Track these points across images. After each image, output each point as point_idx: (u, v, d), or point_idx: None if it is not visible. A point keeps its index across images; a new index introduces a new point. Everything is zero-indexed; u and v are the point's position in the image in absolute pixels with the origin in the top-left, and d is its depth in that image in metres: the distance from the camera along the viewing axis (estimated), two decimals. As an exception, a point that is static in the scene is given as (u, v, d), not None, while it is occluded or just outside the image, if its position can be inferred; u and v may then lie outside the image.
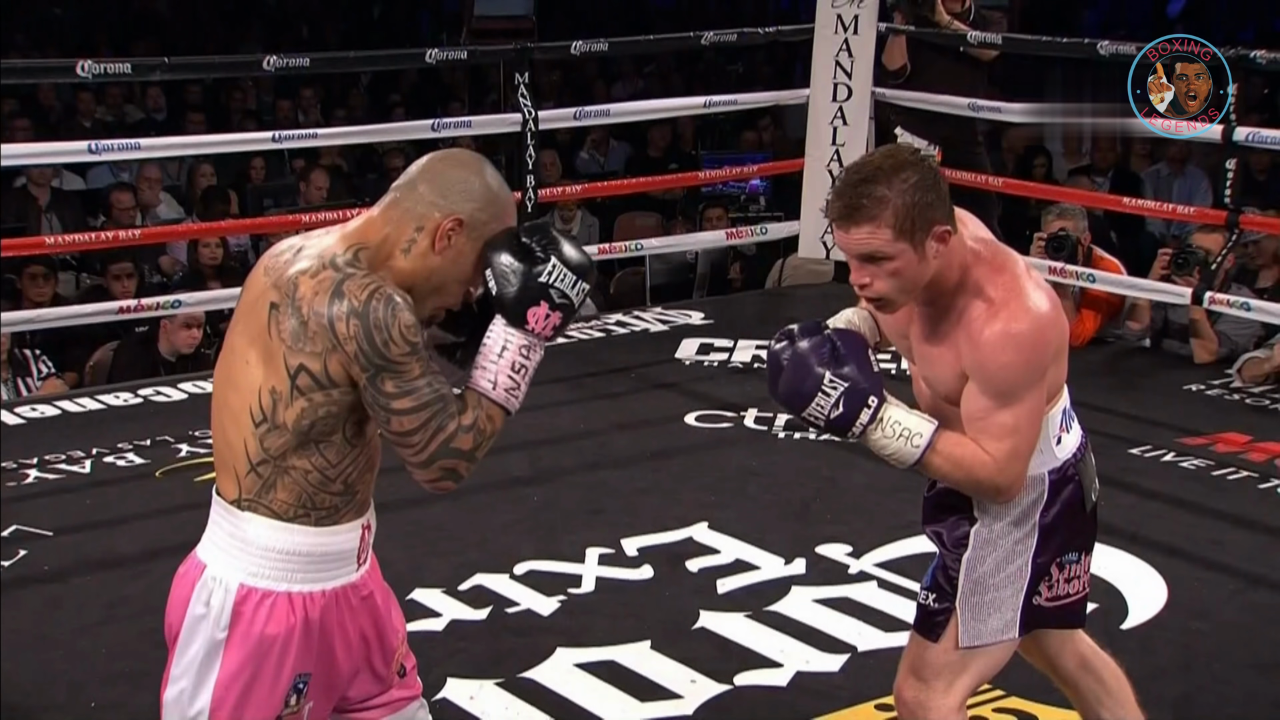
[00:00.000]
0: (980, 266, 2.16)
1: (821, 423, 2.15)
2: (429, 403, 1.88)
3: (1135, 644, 3.32)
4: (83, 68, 4.93)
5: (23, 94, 9.15)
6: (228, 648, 1.93)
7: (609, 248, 6.44)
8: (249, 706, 1.94)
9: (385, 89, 10.40)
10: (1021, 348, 2.11)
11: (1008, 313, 2.12)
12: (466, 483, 4.43)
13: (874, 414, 2.12)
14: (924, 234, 2.08)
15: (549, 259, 1.93)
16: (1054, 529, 2.27)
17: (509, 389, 1.94)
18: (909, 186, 2.07)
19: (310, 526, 1.94)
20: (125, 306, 5.25)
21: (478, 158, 2.01)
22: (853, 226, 2.08)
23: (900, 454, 2.15)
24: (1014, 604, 2.27)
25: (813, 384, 2.13)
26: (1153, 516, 4.07)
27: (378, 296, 1.86)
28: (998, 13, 6.23)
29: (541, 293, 1.92)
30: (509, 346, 1.93)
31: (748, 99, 7.37)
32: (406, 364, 1.87)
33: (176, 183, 8.03)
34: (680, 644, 3.30)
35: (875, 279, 2.11)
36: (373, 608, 2.05)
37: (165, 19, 12.38)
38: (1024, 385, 2.13)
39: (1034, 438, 2.18)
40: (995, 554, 2.26)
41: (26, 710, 3.04)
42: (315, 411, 1.89)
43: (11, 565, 3.70)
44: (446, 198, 1.93)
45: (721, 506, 4.08)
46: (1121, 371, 5.46)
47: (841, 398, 2.12)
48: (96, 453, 4.55)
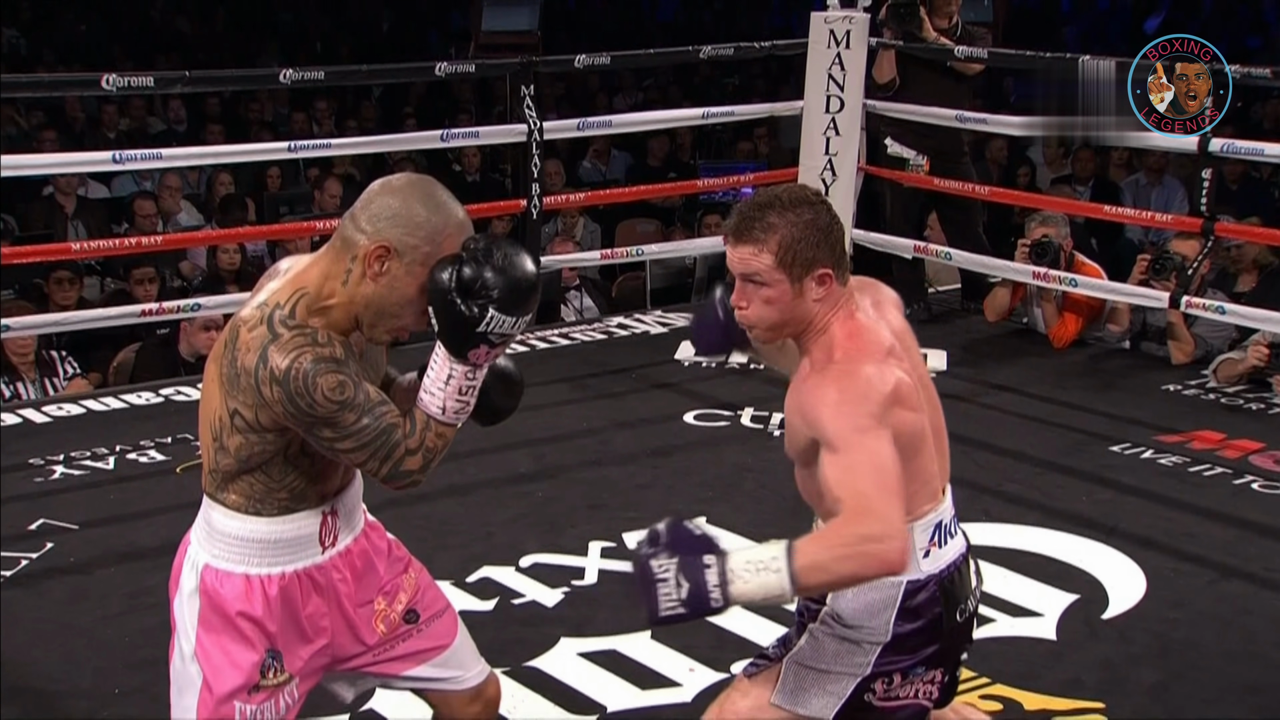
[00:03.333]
0: (839, 331, 2.10)
1: (684, 610, 1.90)
2: (370, 441, 1.95)
3: (1115, 633, 3.39)
4: (108, 81, 4.99)
5: (50, 106, 9.22)
6: (201, 623, 2.08)
7: (610, 253, 6.53)
8: (226, 674, 2.07)
9: (396, 101, 10.41)
10: (841, 389, 2.00)
11: (834, 372, 2.04)
12: (473, 478, 4.59)
13: (720, 571, 1.89)
14: (803, 271, 2.06)
15: (486, 313, 1.92)
16: (906, 638, 2.15)
17: (457, 410, 2.00)
18: (801, 223, 2.06)
19: (263, 518, 2.06)
20: (147, 310, 5.31)
21: (417, 183, 2.00)
22: (739, 244, 2.09)
23: (769, 587, 1.89)
24: (841, 693, 2.17)
25: (648, 582, 1.91)
26: (1131, 511, 4.13)
27: (297, 364, 1.90)
28: (983, 29, 6.30)
29: (481, 339, 1.95)
30: (454, 375, 1.97)
31: (744, 110, 7.43)
32: (337, 417, 1.92)
33: (196, 191, 8.08)
34: (679, 634, 3.30)
35: (751, 303, 2.10)
36: (352, 579, 2.15)
37: (185, 35, 12.42)
38: (849, 428, 1.96)
39: (881, 480, 1.94)
40: (841, 641, 2.17)
41: (53, 695, 3.10)
42: (251, 447, 2.00)
43: (39, 557, 3.78)
44: (375, 225, 1.95)
45: (719, 501, 4.12)
46: (1101, 372, 5.51)
47: (679, 575, 1.89)
48: (119, 450, 4.60)
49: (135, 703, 3.06)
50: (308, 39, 12.85)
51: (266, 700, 2.11)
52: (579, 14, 14.48)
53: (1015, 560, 3.78)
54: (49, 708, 3.08)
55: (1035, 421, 4.98)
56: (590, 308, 6.77)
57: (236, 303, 5.39)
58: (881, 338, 2.12)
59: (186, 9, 12.98)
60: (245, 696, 2.09)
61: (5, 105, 9.13)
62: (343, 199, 7.46)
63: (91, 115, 9.29)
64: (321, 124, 9.43)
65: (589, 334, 6.07)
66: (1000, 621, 3.47)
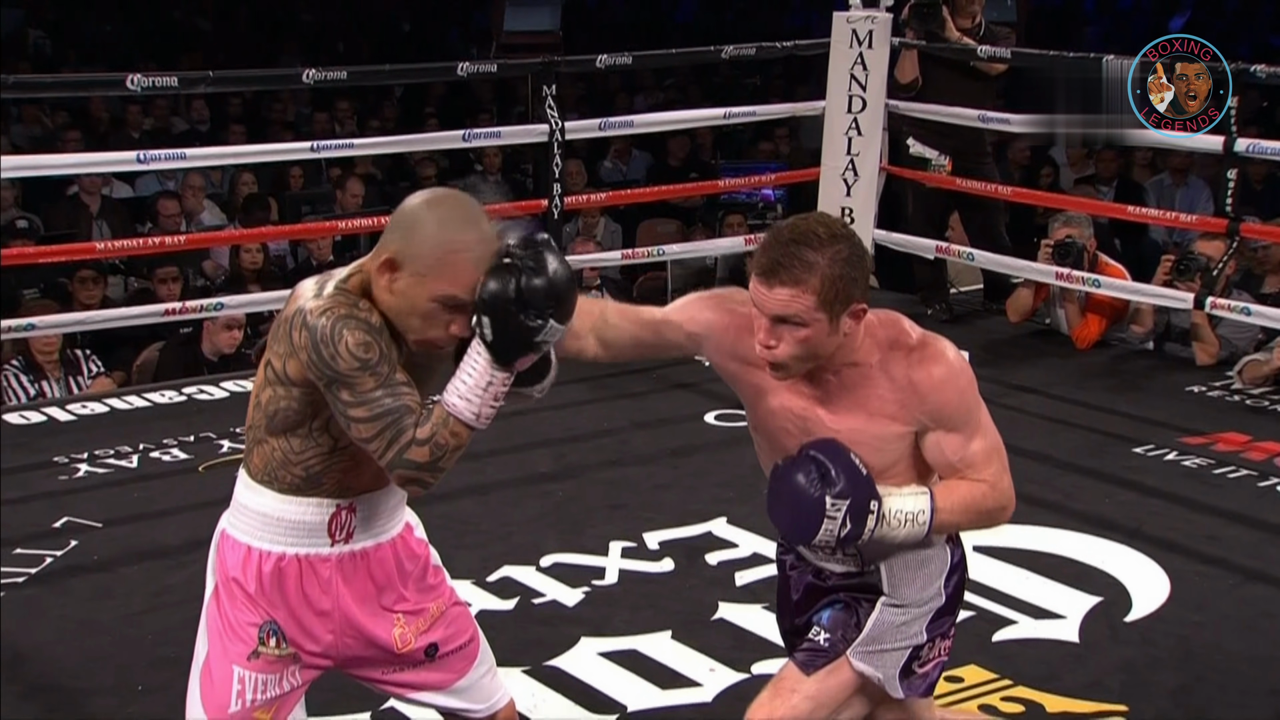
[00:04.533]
0: (881, 328, 2.13)
1: (834, 543, 2.07)
2: (382, 414, 1.93)
3: (1137, 636, 3.38)
4: (132, 81, 5.01)
5: (75, 106, 9.27)
6: (213, 588, 2.14)
7: (631, 253, 6.54)
8: (227, 638, 2.10)
9: (417, 101, 10.43)
10: (963, 371, 2.12)
11: (934, 352, 2.11)
12: (493, 478, 4.61)
13: (878, 516, 2.06)
14: (843, 308, 2.02)
15: (546, 323, 1.93)
16: (950, 600, 2.26)
17: (489, 416, 1.98)
18: (840, 259, 2.01)
19: (274, 492, 2.08)
20: (170, 309, 5.33)
21: (435, 197, 2.00)
22: (777, 285, 2.00)
23: (912, 536, 2.11)
24: (896, 665, 2.23)
25: (815, 514, 2.03)
26: (1155, 513, 4.11)
27: (329, 314, 1.93)
28: (1006, 28, 6.29)
29: (535, 349, 1.96)
30: (494, 382, 1.95)
31: (766, 110, 7.44)
32: (357, 378, 1.93)
33: (219, 191, 8.10)
34: (700, 634, 3.34)
35: (782, 343, 2.03)
36: (357, 583, 2.14)
37: (207, 35, 12.46)
38: (977, 407, 2.14)
39: (1003, 450, 2.17)
40: (901, 618, 2.23)
41: (76, 692, 3.11)
42: (278, 402, 2.02)
43: (63, 555, 3.80)
44: (389, 234, 1.98)
45: (739, 502, 4.10)
46: (1125, 373, 5.50)
47: (847, 515, 2.04)
48: (143, 448, 4.61)
49: (157, 700, 3.07)
50: (329, 39, 12.89)
51: (266, 670, 2.10)
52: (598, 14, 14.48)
53: (1037, 562, 3.78)
54: (72, 705, 3.10)
55: (1057, 423, 4.97)
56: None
57: (258, 302, 5.49)
58: (899, 315, 2.19)
59: (208, 9, 13.04)
60: (245, 662, 2.09)
61: (31, 105, 9.21)
62: (364, 199, 7.49)
63: (115, 115, 9.33)
64: (343, 124, 9.45)
65: (610, 334, 6.07)
66: (1022, 623, 3.46)
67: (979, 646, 3.31)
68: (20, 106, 9.21)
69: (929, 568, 2.24)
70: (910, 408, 2.11)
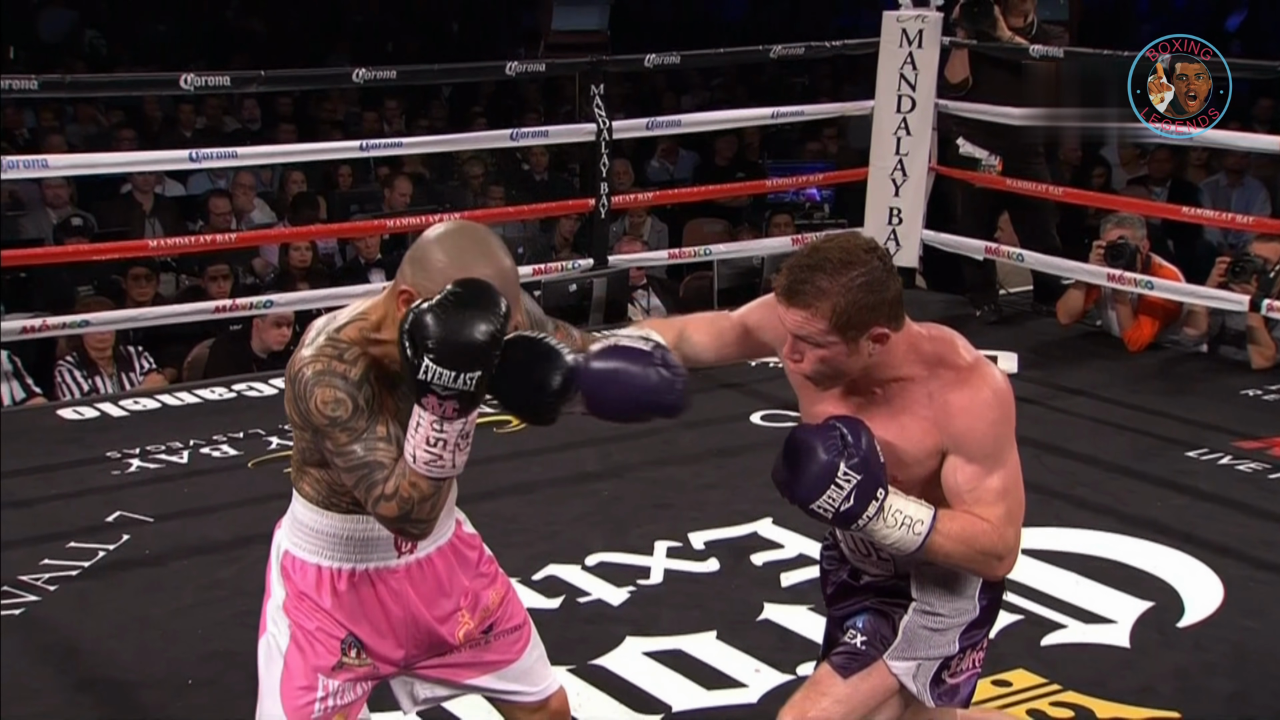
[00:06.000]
0: (931, 344, 2.14)
1: (830, 514, 2.04)
2: (354, 468, 1.97)
3: (1190, 642, 3.35)
4: (185, 80, 5.08)
5: (128, 105, 9.38)
6: (288, 602, 2.15)
7: (678, 253, 6.54)
8: (312, 649, 2.13)
9: (465, 100, 10.48)
10: (999, 405, 2.11)
11: (977, 378, 2.11)
12: (539, 476, 4.62)
13: (880, 505, 2.04)
14: (858, 333, 2.04)
15: (422, 361, 1.86)
16: (984, 611, 2.26)
17: (427, 461, 1.91)
18: (853, 286, 2.02)
19: (335, 513, 2.12)
20: (221, 306, 5.42)
21: (454, 231, 1.99)
22: (790, 307, 2.05)
23: (902, 542, 2.07)
24: (928, 675, 2.24)
25: (825, 476, 2.02)
26: (1208, 517, 4.07)
27: (310, 368, 1.96)
28: (1058, 27, 6.23)
29: (425, 389, 1.88)
30: (421, 423, 1.91)
31: (814, 110, 7.43)
32: (330, 432, 1.96)
33: (269, 189, 8.15)
34: (745, 634, 3.34)
35: (805, 357, 2.08)
36: (426, 589, 2.18)
37: (258, 35, 12.57)
38: (1005, 446, 2.12)
39: (1022, 500, 2.14)
40: (935, 625, 2.24)
41: (128, 685, 3.15)
42: (302, 440, 2.08)
43: (115, 549, 3.84)
44: (412, 268, 1.97)
45: (785, 503, 3.96)
46: (1178, 376, 5.44)
47: (854, 491, 2.01)
48: (193, 444, 4.66)
49: (207, 694, 3.10)
50: (378, 39, 12.97)
51: (347, 680, 2.15)
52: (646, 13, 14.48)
53: (1087, 566, 3.75)
54: (124, 697, 3.13)
55: (1108, 425, 4.92)
56: (657, 307, 6.77)
57: (308, 300, 5.54)
58: (956, 334, 2.19)
59: (260, 10, 13.16)
60: (329, 672, 2.14)
61: (86, 105, 9.33)
62: (412, 198, 7.52)
63: (168, 114, 9.42)
64: (392, 123, 9.50)
65: (656, 334, 6.07)
66: (1072, 627, 3.43)
67: (1028, 650, 3.29)
68: (76, 106, 9.35)
69: (960, 575, 2.23)
70: (940, 427, 2.12)
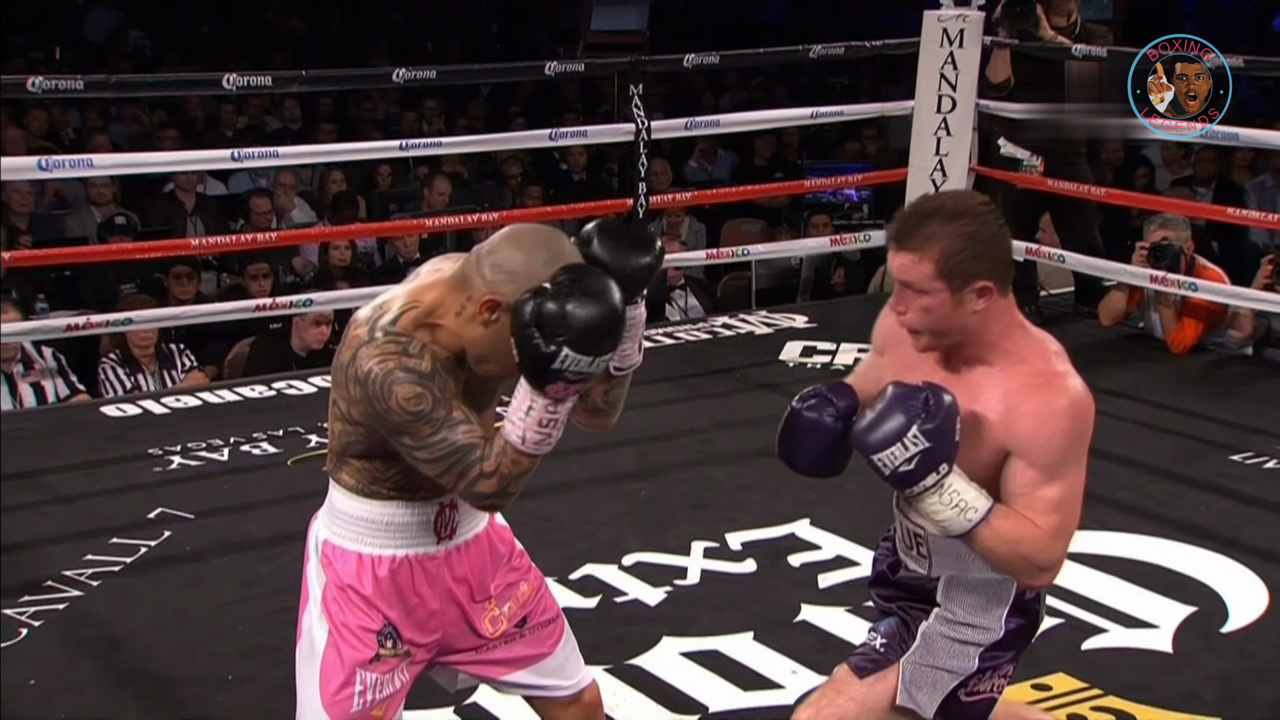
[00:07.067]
0: (1024, 337, 2.14)
1: (886, 471, 2.03)
2: (444, 456, 1.97)
3: (1234, 647, 3.32)
4: (228, 80, 5.10)
5: (171, 105, 9.49)
6: (326, 595, 2.16)
7: (716, 253, 6.53)
8: (350, 643, 2.14)
9: (504, 100, 10.54)
10: (1073, 418, 2.08)
11: (1057, 383, 2.09)
12: (576, 476, 4.62)
13: (939, 480, 2.03)
14: (963, 283, 2.05)
15: (560, 351, 1.90)
16: (1011, 635, 2.22)
17: (537, 441, 1.97)
18: (963, 234, 2.05)
19: (376, 501, 2.12)
20: (261, 304, 5.45)
21: (544, 238, 2.00)
22: (900, 250, 2.08)
23: (950, 523, 2.05)
24: (945, 688, 2.22)
25: (894, 433, 2.02)
26: (1252, 522, 4.02)
27: (380, 368, 1.95)
28: (1102, 26, 6.17)
29: (558, 376, 1.92)
30: (534, 408, 1.95)
31: (854, 110, 7.40)
32: (413, 428, 1.96)
33: (309, 188, 8.22)
34: (782, 636, 3.34)
35: (910, 308, 2.10)
36: (462, 574, 2.19)
37: (299, 35, 12.67)
38: (1072, 459, 2.09)
39: (1077, 517, 2.12)
40: (955, 636, 2.22)
41: (169, 681, 3.18)
42: (348, 435, 2.08)
43: (157, 545, 3.88)
44: (495, 274, 1.97)
45: (822, 504, 4.08)
46: (1222, 379, 5.39)
47: (918, 455, 2.01)
48: (233, 441, 4.69)
49: (246, 690, 3.12)
50: (418, 39, 13.04)
51: (386, 672, 2.16)
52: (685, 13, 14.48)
53: (1129, 570, 3.71)
54: (165, 692, 3.16)
55: (1150, 428, 4.87)
56: (695, 307, 6.77)
57: (347, 299, 5.55)
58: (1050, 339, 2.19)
59: (302, 10, 13.26)
60: (367, 665, 2.15)
61: (130, 104, 9.43)
62: (451, 197, 7.56)
63: (210, 114, 9.52)
64: (431, 123, 9.55)
65: (693, 333, 6.08)
66: (1113, 632, 3.40)
67: (1068, 654, 3.26)
68: (120, 105, 9.45)
69: (988, 593, 2.21)
70: (1007, 426, 2.10)
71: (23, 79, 5.00)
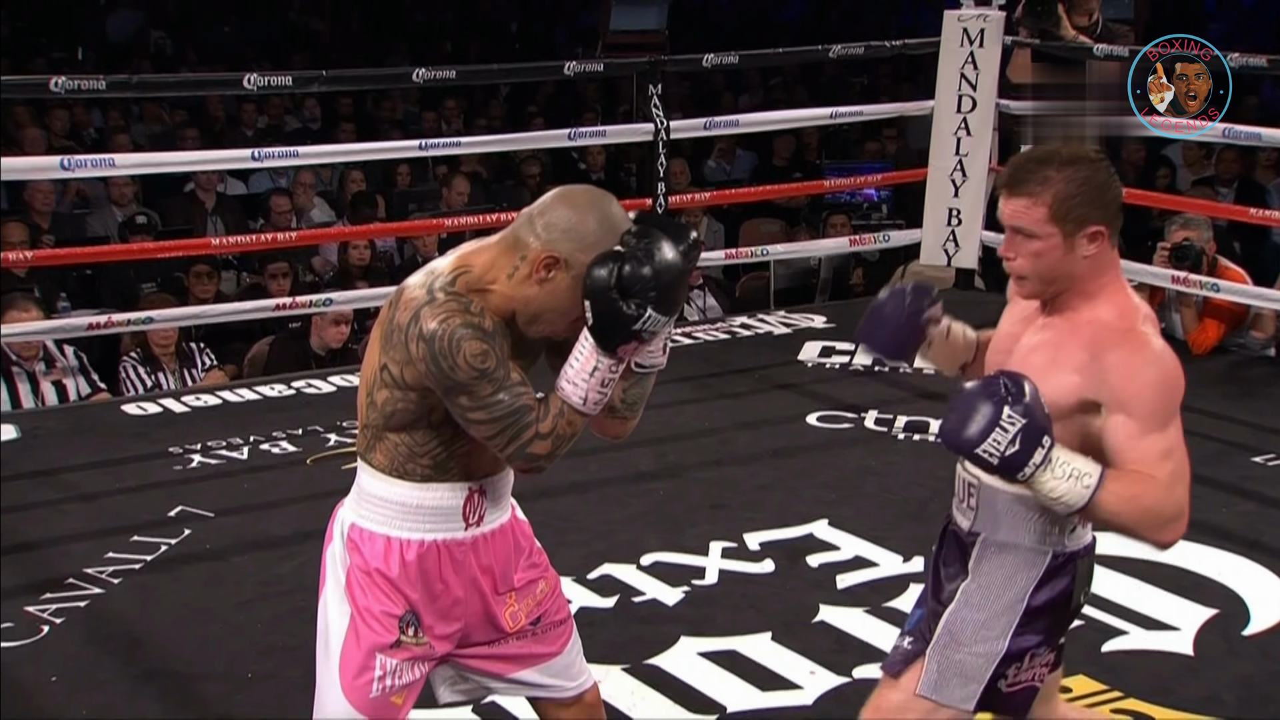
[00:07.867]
0: (1120, 293, 2.16)
1: (995, 460, 2.00)
2: (502, 416, 2.00)
3: (1257, 650, 3.30)
4: (249, 80, 5.13)
5: (192, 105, 9.53)
6: (350, 579, 2.15)
7: (735, 253, 6.54)
8: (372, 627, 2.14)
9: (523, 100, 10.55)
10: (1167, 369, 2.08)
11: (1139, 340, 2.10)
12: (595, 475, 4.63)
13: (1046, 454, 2.01)
14: (1076, 227, 2.09)
15: (645, 311, 1.96)
16: (1039, 613, 2.19)
17: (597, 401, 2.04)
18: (1077, 179, 2.08)
19: (407, 482, 2.12)
20: (281, 304, 5.48)
21: (596, 198, 2.05)
22: (1013, 196, 2.12)
23: (1069, 495, 2.02)
24: (980, 678, 2.19)
25: (988, 421, 2.00)
26: (1275, 524, 4.01)
27: (446, 325, 1.97)
28: (1124, 26, 6.15)
29: (635, 336, 1.99)
30: (599, 368, 2.01)
31: (873, 110, 7.40)
32: (476, 385, 1.98)
33: (329, 188, 8.24)
34: (800, 636, 3.34)
35: (1020, 254, 2.13)
36: (488, 562, 2.19)
37: (320, 35, 12.71)
38: (1171, 407, 2.08)
39: (1188, 465, 2.09)
40: (978, 616, 2.20)
41: (189, 678, 3.19)
42: (395, 403, 2.07)
43: (177, 543, 3.89)
44: (550, 233, 2.00)
45: (841, 504, 4.09)
46: (1244, 380, 5.36)
47: (1019, 434, 1.99)
48: (253, 440, 4.70)
49: (266, 688, 3.13)
50: (438, 39, 13.07)
51: (405, 659, 2.16)
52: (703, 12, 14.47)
53: (1149, 572, 3.68)
54: (185, 690, 3.17)
55: (1172, 430, 4.84)
56: (713, 307, 6.77)
57: (366, 298, 5.59)
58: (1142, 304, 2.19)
59: (322, 10, 13.30)
60: (387, 650, 2.14)
61: (152, 104, 9.47)
62: (470, 197, 7.57)
63: (231, 114, 9.55)
64: (450, 122, 9.56)
65: (712, 334, 6.08)
66: (1133, 634, 3.39)
67: (1088, 656, 3.24)
68: (142, 105, 9.50)
69: (1018, 559, 2.19)
70: (1095, 374, 2.09)
71: (46, 79, 5.04)
